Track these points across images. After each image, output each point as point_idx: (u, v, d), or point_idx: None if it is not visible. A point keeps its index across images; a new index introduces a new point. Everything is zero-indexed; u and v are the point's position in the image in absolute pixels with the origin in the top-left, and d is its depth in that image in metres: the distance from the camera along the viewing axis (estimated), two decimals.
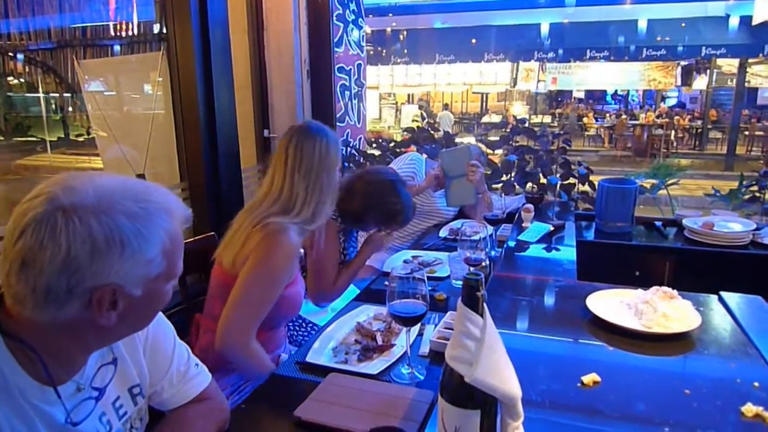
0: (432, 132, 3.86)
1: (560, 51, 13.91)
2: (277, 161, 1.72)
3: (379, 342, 1.53)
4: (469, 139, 4.00)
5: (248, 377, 1.62)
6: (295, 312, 1.75)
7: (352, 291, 2.29)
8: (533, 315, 1.61)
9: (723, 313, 1.51)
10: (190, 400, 1.14)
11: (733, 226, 2.66)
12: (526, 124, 3.63)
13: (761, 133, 14.50)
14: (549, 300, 1.70)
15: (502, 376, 0.78)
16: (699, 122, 16.10)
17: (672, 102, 19.52)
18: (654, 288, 1.48)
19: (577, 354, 1.36)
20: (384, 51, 15.20)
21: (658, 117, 15.43)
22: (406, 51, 15.35)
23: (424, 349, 1.50)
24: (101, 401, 0.96)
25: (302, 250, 2.04)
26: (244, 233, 1.59)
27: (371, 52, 13.92)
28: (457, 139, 3.98)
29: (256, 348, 1.53)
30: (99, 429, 0.95)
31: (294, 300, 1.67)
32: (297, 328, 2.09)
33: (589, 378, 1.14)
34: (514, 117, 3.77)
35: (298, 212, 1.65)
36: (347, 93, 3.78)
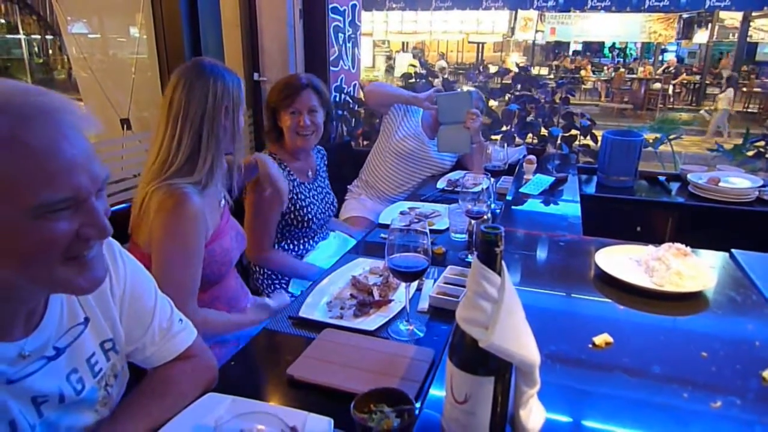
0: (431, 79, 3.69)
1: None
2: (163, 110, 1.44)
3: (376, 297, 1.46)
4: (468, 87, 3.86)
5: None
6: (227, 266, 1.57)
7: (348, 242, 2.21)
8: (539, 270, 1.54)
9: (736, 272, 1.44)
10: (174, 357, 1.07)
11: (740, 182, 2.59)
12: (530, 72, 3.49)
13: (759, 89, 14.32)
14: (555, 255, 1.63)
15: (520, 342, 0.70)
16: (697, 77, 15.86)
17: (670, 56, 19.17)
18: (666, 244, 1.41)
19: (586, 312, 1.29)
20: None
21: (665, 71, 15.16)
22: None
23: (423, 304, 1.43)
24: (58, 360, 0.87)
25: None
26: (137, 201, 1.40)
27: None
28: (456, 87, 3.83)
29: (206, 315, 1.43)
30: (64, 390, 0.87)
31: (222, 256, 1.52)
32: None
33: (601, 339, 1.07)
34: (517, 64, 3.61)
35: (190, 171, 1.41)
36: (341, 36, 3.58)
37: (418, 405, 0.90)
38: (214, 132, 1.43)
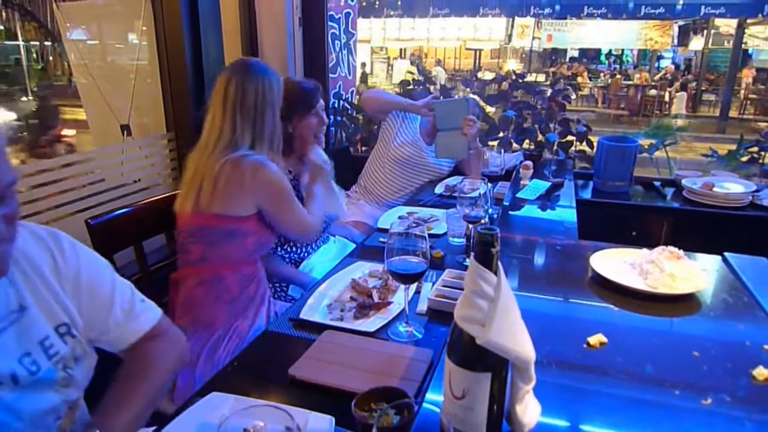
0: (428, 86, 3.73)
1: (557, 7, 13.58)
2: (217, 101, 1.66)
3: (375, 299, 1.48)
4: (465, 94, 3.90)
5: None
6: (268, 246, 1.82)
7: (347, 246, 2.24)
8: (535, 274, 1.56)
9: (728, 274, 1.47)
10: (142, 336, 1.12)
11: (733, 187, 2.63)
12: (526, 79, 3.52)
13: (755, 96, 14.43)
14: (552, 259, 1.66)
15: (516, 338, 0.73)
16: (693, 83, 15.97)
17: (666, 62, 19.29)
18: (660, 248, 1.44)
19: (581, 314, 1.31)
20: (377, 3, 14.73)
21: (662, 78, 15.30)
22: (399, 3, 14.89)
23: (422, 306, 1.46)
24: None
25: None
26: (208, 175, 1.59)
27: (364, 4, 13.50)
28: (453, 93, 3.86)
29: (311, 216, 1.81)
30: (17, 371, 0.91)
31: (265, 235, 1.75)
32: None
33: (596, 339, 1.09)
34: (513, 71, 3.65)
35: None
36: (338, 43, 3.63)
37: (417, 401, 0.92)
38: (264, 123, 1.67)
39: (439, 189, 2.74)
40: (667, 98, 14.60)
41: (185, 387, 1.54)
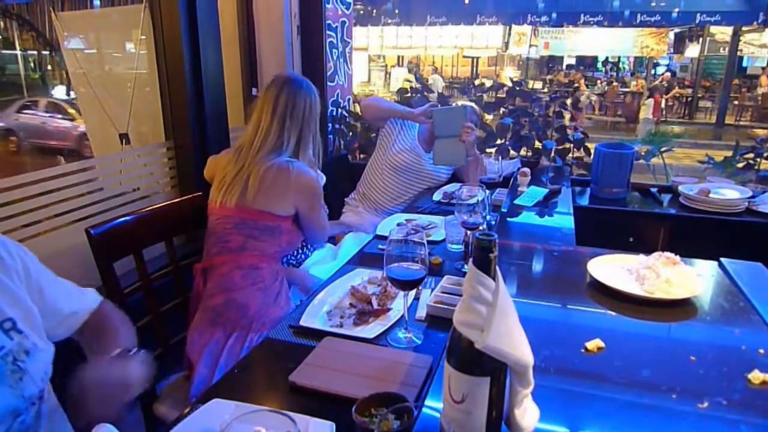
0: (426, 94, 3.75)
1: (554, 15, 13.66)
2: (266, 109, 1.82)
3: (375, 306, 1.49)
4: (463, 101, 3.93)
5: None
6: (295, 246, 2.00)
7: (348, 250, 2.24)
8: (533, 281, 1.57)
9: (724, 280, 1.48)
10: (94, 308, 1.22)
11: (730, 193, 2.65)
12: (522, 87, 3.55)
13: (751, 103, 14.52)
14: (549, 266, 1.67)
15: (514, 343, 0.74)
16: (689, 90, 16.08)
17: (662, 70, 19.39)
18: (657, 253, 1.45)
19: (579, 320, 1.33)
20: (374, 11, 14.81)
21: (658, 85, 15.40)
22: (396, 12, 14.97)
23: (421, 313, 1.46)
24: None
25: None
26: (254, 174, 1.75)
27: (361, 12, 13.57)
28: (451, 101, 3.89)
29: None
30: None
31: (296, 236, 1.90)
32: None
33: (593, 344, 1.11)
34: (511, 79, 3.68)
35: (296, 157, 1.84)
36: (335, 51, 3.65)
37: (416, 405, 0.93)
38: (309, 132, 1.86)
39: (437, 196, 2.75)
40: (663, 105, 14.67)
41: (208, 367, 1.60)
